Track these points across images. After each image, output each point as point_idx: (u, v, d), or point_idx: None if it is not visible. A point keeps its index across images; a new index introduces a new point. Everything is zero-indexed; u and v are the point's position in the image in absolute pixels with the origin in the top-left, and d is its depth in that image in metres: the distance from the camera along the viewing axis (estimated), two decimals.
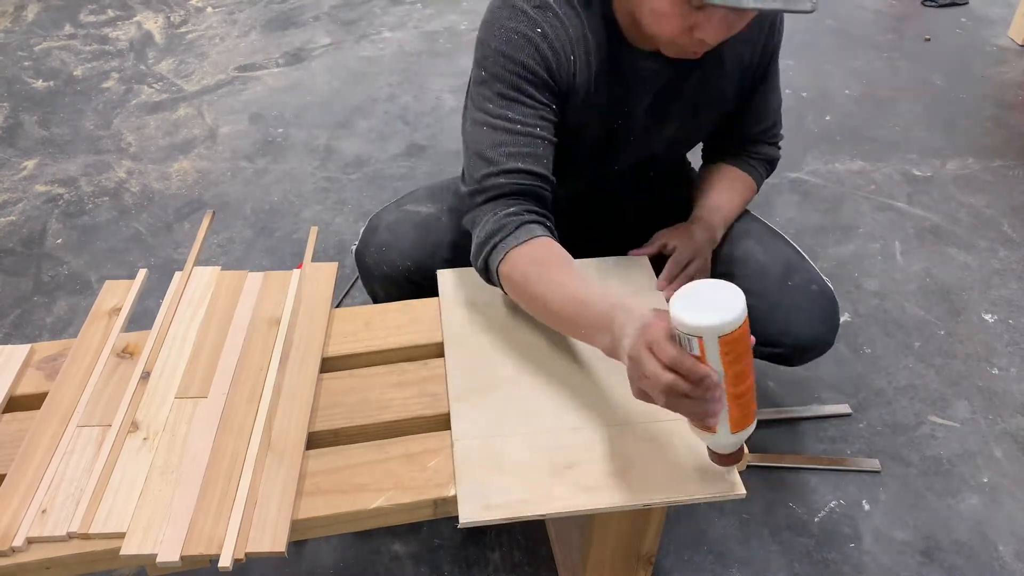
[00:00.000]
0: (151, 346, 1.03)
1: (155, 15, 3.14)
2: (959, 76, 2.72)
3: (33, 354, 1.04)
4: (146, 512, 0.83)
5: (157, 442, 0.91)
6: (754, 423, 0.82)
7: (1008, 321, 1.80)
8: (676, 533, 1.37)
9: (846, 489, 1.45)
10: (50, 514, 0.83)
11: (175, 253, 2.00)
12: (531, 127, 1.01)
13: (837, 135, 2.42)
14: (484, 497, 0.85)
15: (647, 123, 1.15)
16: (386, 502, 0.86)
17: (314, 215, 2.12)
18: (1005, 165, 2.30)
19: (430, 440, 0.92)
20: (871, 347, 1.73)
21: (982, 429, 1.57)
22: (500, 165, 1.00)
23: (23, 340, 1.72)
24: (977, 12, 3.12)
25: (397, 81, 2.70)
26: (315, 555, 1.34)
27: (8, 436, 0.93)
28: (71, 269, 1.96)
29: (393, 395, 0.98)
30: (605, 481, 0.87)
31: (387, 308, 1.11)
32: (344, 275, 1.90)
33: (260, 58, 2.85)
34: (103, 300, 1.11)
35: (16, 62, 2.84)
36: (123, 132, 2.47)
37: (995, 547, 1.37)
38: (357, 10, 3.17)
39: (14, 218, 2.13)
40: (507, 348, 1.03)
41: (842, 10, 3.08)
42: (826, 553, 1.36)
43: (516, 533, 1.38)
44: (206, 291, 1.11)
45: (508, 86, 1.02)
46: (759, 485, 1.44)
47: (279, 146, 2.40)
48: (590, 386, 0.98)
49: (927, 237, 2.04)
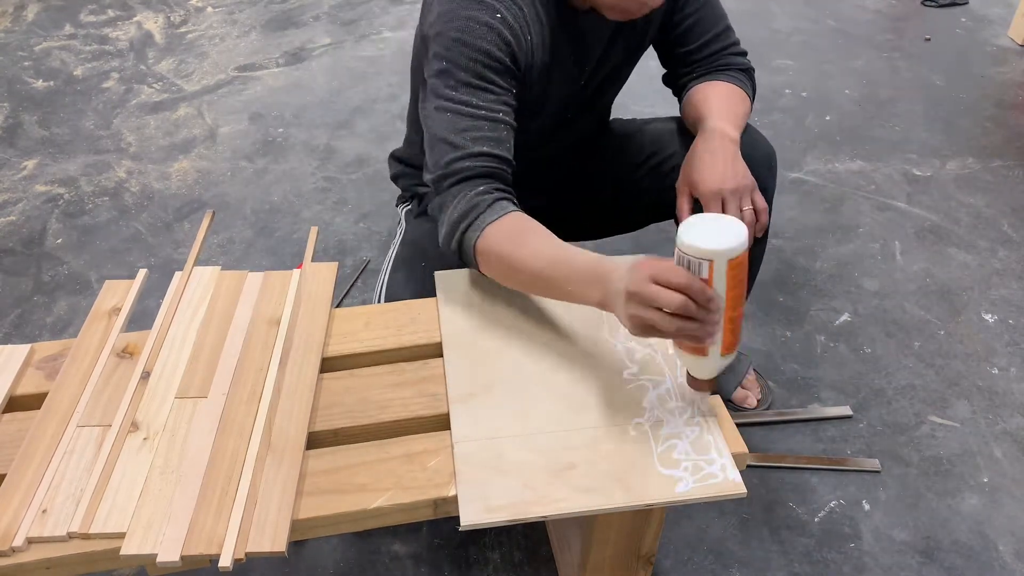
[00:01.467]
0: (151, 346, 1.03)
1: (155, 15, 3.14)
2: (959, 76, 2.72)
3: (33, 354, 1.04)
4: (146, 512, 0.83)
5: (157, 442, 0.91)
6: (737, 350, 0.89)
7: (1008, 321, 1.80)
8: (676, 533, 1.37)
9: (846, 489, 1.45)
10: (50, 514, 0.83)
11: (175, 253, 2.00)
12: (495, 112, 1.04)
13: (837, 135, 2.42)
14: (485, 499, 0.85)
15: (602, 77, 1.23)
16: (386, 502, 0.86)
17: (314, 215, 2.12)
18: (1005, 165, 2.30)
19: (430, 440, 0.92)
20: (871, 347, 1.73)
21: (982, 429, 1.57)
22: (466, 149, 1.02)
23: (23, 340, 1.72)
24: (977, 12, 3.12)
25: (397, 81, 2.70)
26: (315, 555, 1.34)
27: (8, 436, 0.93)
28: (71, 269, 1.97)
29: (393, 395, 0.98)
30: (605, 482, 0.87)
31: (387, 308, 1.11)
32: (344, 275, 1.90)
33: (260, 58, 2.85)
34: (103, 300, 1.11)
35: (16, 62, 2.84)
36: (123, 132, 2.47)
37: (995, 547, 1.37)
38: (357, 10, 3.17)
39: (14, 218, 2.13)
40: (506, 348, 1.03)
41: (842, 10, 3.08)
42: (826, 553, 1.36)
43: (516, 533, 1.38)
44: (206, 291, 1.11)
45: (471, 74, 1.03)
46: (759, 485, 1.45)
47: (279, 146, 2.40)
48: (590, 386, 0.98)
49: (927, 237, 2.04)
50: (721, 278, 0.82)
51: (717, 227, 0.83)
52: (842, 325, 1.78)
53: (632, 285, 0.84)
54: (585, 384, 0.98)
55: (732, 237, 0.81)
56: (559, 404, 0.96)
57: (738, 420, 1.33)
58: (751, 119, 1.28)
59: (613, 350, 1.03)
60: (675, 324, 0.82)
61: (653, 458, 0.89)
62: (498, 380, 0.99)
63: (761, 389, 1.61)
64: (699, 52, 1.26)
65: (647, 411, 0.95)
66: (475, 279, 1.13)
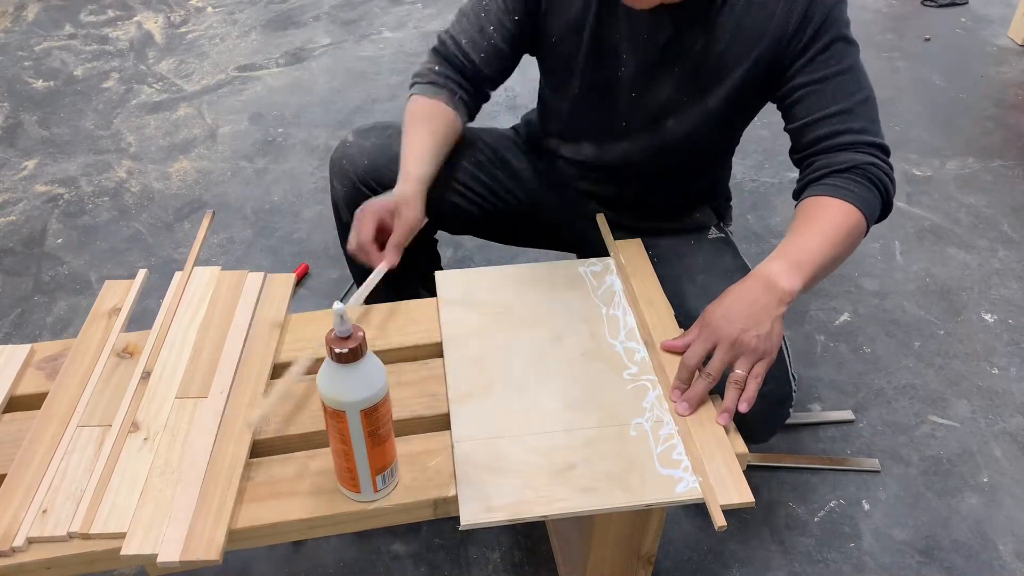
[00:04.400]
0: (151, 346, 1.03)
1: (155, 15, 3.13)
2: (959, 76, 2.72)
3: (33, 354, 1.04)
4: (146, 512, 0.83)
5: (157, 442, 0.91)
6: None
7: (1008, 321, 1.80)
8: (676, 533, 1.37)
9: (846, 489, 1.45)
10: (51, 514, 0.83)
11: (175, 253, 2.00)
12: (491, 23, 1.17)
13: None
14: (485, 499, 0.85)
15: (640, 72, 1.11)
16: (386, 502, 0.86)
17: (314, 215, 2.12)
18: (1005, 165, 2.30)
19: (430, 440, 0.93)
20: (871, 347, 1.73)
21: (982, 429, 1.57)
22: (455, 32, 1.20)
23: (23, 340, 1.72)
24: (977, 12, 3.12)
25: (397, 81, 2.70)
26: (315, 555, 1.35)
27: (8, 436, 0.93)
28: (71, 269, 1.97)
29: (393, 395, 0.97)
30: (605, 482, 0.87)
31: (387, 308, 1.11)
32: (344, 275, 1.90)
33: (260, 58, 2.85)
34: (103, 300, 1.11)
35: (16, 62, 2.84)
36: (123, 132, 2.47)
37: (995, 547, 1.37)
38: (357, 10, 3.16)
39: (14, 218, 2.13)
40: (506, 348, 1.03)
41: None
42: (826, 553, 1.36)
43: (516, 533, 1.38)
44: (206, 291, 1.11)
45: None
46: (759, 485, 1.44)
47: (279, 146, 2.40)
48: (590, 386, 0.98)
49: (927, 237, 2.04)
50: (357, 425, 0.78)
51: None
52: (842, 325, 1.78)
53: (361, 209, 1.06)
54: (585, 384, 0.98)
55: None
56: (559, 404, 0.96)
57: None
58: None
59: (613, 350, 1.03)
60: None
61: (653, 458, 0.89)
62: (498, 380, 0.99)
63: None
64: (805, 134, 1.05)
65: (647, 411, 0.95)
66: (475, 279, 1.13)
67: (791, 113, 1.08)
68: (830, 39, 1.04)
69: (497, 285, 1.12)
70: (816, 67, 1.04)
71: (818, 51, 1.03)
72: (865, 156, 1.04)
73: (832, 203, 1.01)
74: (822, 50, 1.03)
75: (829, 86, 1.04)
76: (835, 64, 1.04)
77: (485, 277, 1.14)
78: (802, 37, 1.03)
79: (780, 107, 1.10)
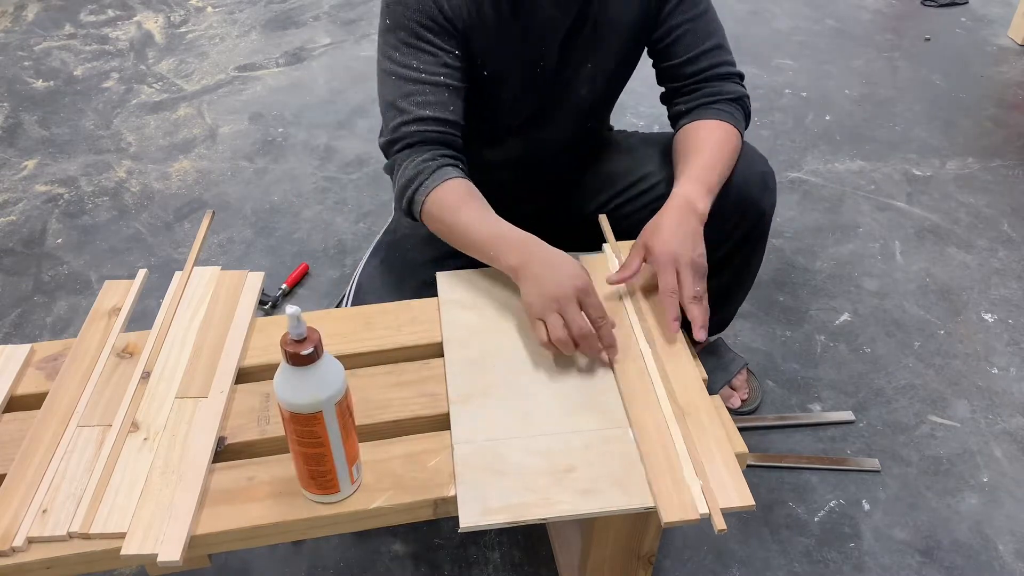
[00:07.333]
0: (151, 346, 1.03)
1: (155, 15, 3.13)
2: (959, 76, 2.72)
3: (33, 354, 1.04)
4: (147, 512, 0.83)
5: (157, 442, 0.91)
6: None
7: (1008, 321, 1.80)
8: (676, 533, 1.37)
9: (846, 489, 1.45)
10: (51, 514, 0.83)
11: (175, 253, 2.00)
12: (435, 75, 1.08)
13: (837, 135, 2.42)
14: (484, 501, 0.85)
15: (563, 58, 1.17)
16: (386, 502, 0.86)
17: (314, 215, 2.12)
18: (1005, 165, 2.30)
19: (430, 440, 0.93)
20: (871, 347, 1.73)
21: (982, 429, 1.57)
22: (411, 114, 1.08)
23: (23, 340, 1.71)
24: (977, 12, 3.12)
25: None
26: (315, 555, 1.35)
27: (8, 436, 0.93)
28: (71, 269, 1.97)
29: (393, 395, 0.98)
30: (605, 484, 0.87)
31: (387, 308, 1.11)
32: (344, 275, 1.90)
33: (260, 58, 2.85)
34: (103, 300, 1.11)
35: (16, 62, 2.84)
36: (123, 132, 2.47)
37: (995, 547, 1.37)
38: (357, 10, 3.16)
39: (14, 218, 2.13)
40: (507, 349, 1.03)
41: (842, 10, 3.08)
42: (826, 553, 1.36)
43: (516, 533, 1.38)
44: (206, 291, 1.11)
45: (409, 34, 1.07)
46: (759, 485, 1.44)
47: (279, 146, 2.40)
48: (589, 388, 0.98)
49: (927, 237, 2.04)
50: (333, 420, 0.78)
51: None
52: (842, 325, 1.78)
53: (558, 289, 0.95)
54: (585, 386, 0.98)
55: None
56: (559, 406, 0.96)
57: (739, 424, 1.33)
58: (752, 120, 1.25)
59: None
60: (568, 345, 0.95)
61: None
62: (498, 381, 0.99)
63: (751, 390, 1.60)
64: (687, 67, 1.20)
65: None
66: (475, 279, 1.13)
67: (670, 51, 1.20)
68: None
69: (498, 285, 1.12)
70: (686, 7, 1.17)
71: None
72: (741, 88, 1.22)
73: (725, 127, 1.17)
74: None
75: (699, 24, 1.19)
76: (700, 4, 1.19)
77: (487, 277, 1.14)
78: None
79: (655, 49, 1.22)
